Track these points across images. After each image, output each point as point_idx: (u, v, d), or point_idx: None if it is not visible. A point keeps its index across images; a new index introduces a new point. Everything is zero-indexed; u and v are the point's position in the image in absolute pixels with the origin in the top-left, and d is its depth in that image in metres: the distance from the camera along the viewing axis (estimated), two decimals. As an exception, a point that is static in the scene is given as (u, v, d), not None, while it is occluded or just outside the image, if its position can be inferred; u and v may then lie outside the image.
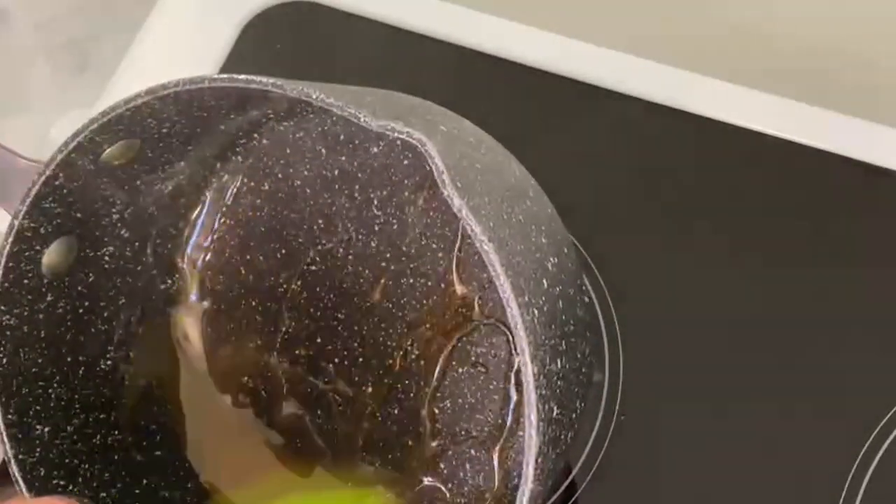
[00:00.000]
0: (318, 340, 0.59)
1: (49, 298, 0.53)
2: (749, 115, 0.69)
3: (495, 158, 0.51)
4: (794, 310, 0.64)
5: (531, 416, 0.44)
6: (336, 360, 0.59)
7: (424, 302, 0.57)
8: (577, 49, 0.71)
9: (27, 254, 0.51)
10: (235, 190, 0.59)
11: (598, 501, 0.60)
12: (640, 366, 0.62)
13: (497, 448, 0.56)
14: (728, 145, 0.68)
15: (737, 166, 0.68)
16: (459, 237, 0.56)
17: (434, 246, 0.57)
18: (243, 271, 0.60)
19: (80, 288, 0.55)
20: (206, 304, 0.60)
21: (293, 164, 0.58)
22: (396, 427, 0.58)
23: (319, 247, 0.58)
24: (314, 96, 0.45)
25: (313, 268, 0.59)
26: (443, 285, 0.57)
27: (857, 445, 0.60)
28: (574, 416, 0.50)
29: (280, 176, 0.59)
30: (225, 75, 0.46)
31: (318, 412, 0.59)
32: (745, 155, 0.68)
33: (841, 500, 0.59)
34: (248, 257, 0.60)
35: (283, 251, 0.59)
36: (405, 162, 0.56)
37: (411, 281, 0.57)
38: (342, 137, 0.57)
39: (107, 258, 0.56)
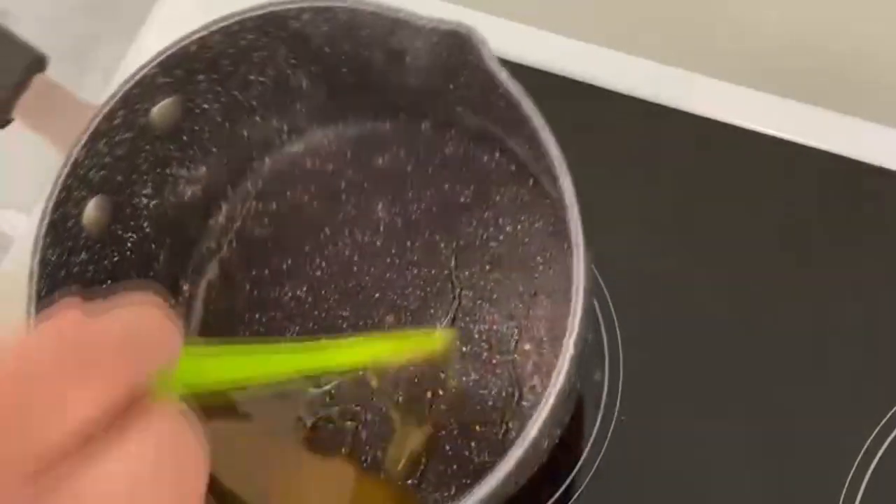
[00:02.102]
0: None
1: (83, 257, 0.56)
2: (749, 115, 0.68)
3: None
4: (793, 310, 0.64)
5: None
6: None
7: (428, 290, 0.61)
8: (577, 49, 0.71)
9: (75, 193, 0.55)
10: (244, 214, 0.64)
11: (598, 502, 0.60)
12: (640, 366, 0.62)
13: (501, 422, 0.59)
14: (728, 145, 0.68)
15: (737, 166, 0.68)
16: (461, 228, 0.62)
17: (437, 237, 0.62)
18: (247, 286, 0.63)
19: (105, 263, 0.58)
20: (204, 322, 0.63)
21: (301, 183, 0.64)
22: (399, 415, 0.60)
23: (326, 251, 0.63)
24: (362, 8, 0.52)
25: (318, 273, 0.63)
26: (446, 272, 0.61)
27: (857, 445, 0.60)
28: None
29: (288, 195, 0.64)
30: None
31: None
32: (745, 155, 0.68)
33: (841, 501, 0.59)
34: (254, 272, 0.63)
35: (290, 261, 0.63)
36: (408, 168, 0.63)
37: (415, 272, 0.62)
38: (349, 154, 0.63)
39: (129, 245, 0.59)
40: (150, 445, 0.31)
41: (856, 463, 0.60)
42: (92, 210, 0.56)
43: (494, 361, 0.60)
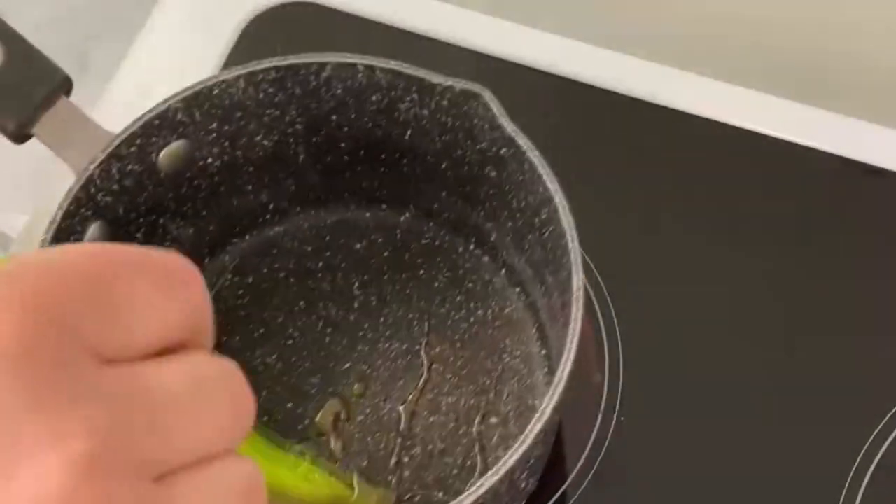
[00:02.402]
0: (289, 405, 0.62)
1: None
2: (749, 115, 0.69)
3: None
4: (792, 310, 0.64)
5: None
6: (309, 418, 0.62)
7: (399, 362, 0.63)
8: (577, 49, 0.71)
9: (83, 210, 0.56)
10: (220, 285, 0.66)
11: (598, 502, 0.60)
12: (640, 367, 0.62)
13: (465, 491, 0.59)
14: (728, 145, 0.68)
15: (737, 166, 0.68)
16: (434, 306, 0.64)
17: (410, 315, 0.64)
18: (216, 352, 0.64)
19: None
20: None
21: (279, 261, 0.66)
22: (363, 479, 0.60)
23: (299, 323, 0.64)
24: (379, 64, 0.57)
25: (290, 342, 0.64)
26: (417, 346, 0.63)
27: (858, 445, 0.60)
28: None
29: (265, 271, 0.66)
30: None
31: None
32: (745, 155, 0.68)
33: (841, 500, 0.59)
34: (225, 338, 0.64)
35: (262, 330, 0.64)
36: (385, 254, 0.66)
37: (386, 345, 0.64)
38: (328, 237, 0.66)
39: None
40: (202, 365, 0.32)
41: (856, 463, 0.60)
42: (93, 234, 0.57)
43: (461, 432, 0.61)
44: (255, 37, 0.73)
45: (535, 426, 0.49)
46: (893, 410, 0.62)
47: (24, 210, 0.68)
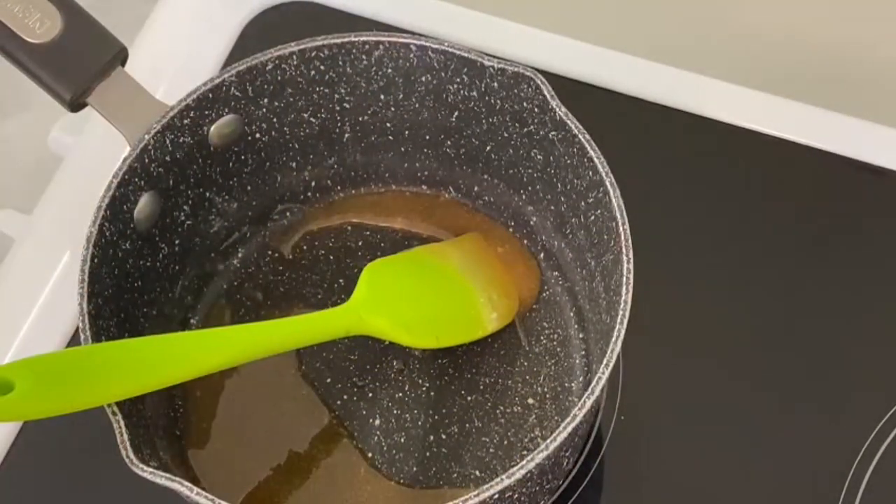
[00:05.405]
0: (328, 381, 0.63)
1: (127, 246, 0.58)
2: (749, 115, 0.69)
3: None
4: (793, 309, 0.65)
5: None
6: (346, 395, 0.63)
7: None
8: (576, 49, 0.72)
9: (136, 180, 0.57)
10: (260, 261, 0.66)
11: (598, 502, 0.61)
12: (640, 366, 0.63)
13: (502, 469, 0.60)
14: (728, 145, 0.69)
15: (737, 166, 0.69)
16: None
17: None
18: (256, 326, 0.65)
19: (141, 262, 0.59)
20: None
21: (318, 238, 0.67)
22: (402, 454, 0.61)
23: (338, 300, 0.65)
24: (432, 45, 0.58)
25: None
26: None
27: (857, 445, 0.61)
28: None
29: (304, 248, 0.67)
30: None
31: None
32: (745, 155, 0.69)
33: (840, 500, 0.60)
34: (263, 313, 0.65)
35: (301, 306, 0.65)
36: (424, 235, 0.67)
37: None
38: (365, 219, 0.67)
39: (161, 256, 0.61)
40: None
41: (856, 462, 0.61)
42: (143, 204, 0.58)
43: (497, 412, 0.62)
44: (256, 37, 0.73)
45: (588, 401, 0.50)
46: (893, 410, 0.62)
47: (25, 209, 0.69)
